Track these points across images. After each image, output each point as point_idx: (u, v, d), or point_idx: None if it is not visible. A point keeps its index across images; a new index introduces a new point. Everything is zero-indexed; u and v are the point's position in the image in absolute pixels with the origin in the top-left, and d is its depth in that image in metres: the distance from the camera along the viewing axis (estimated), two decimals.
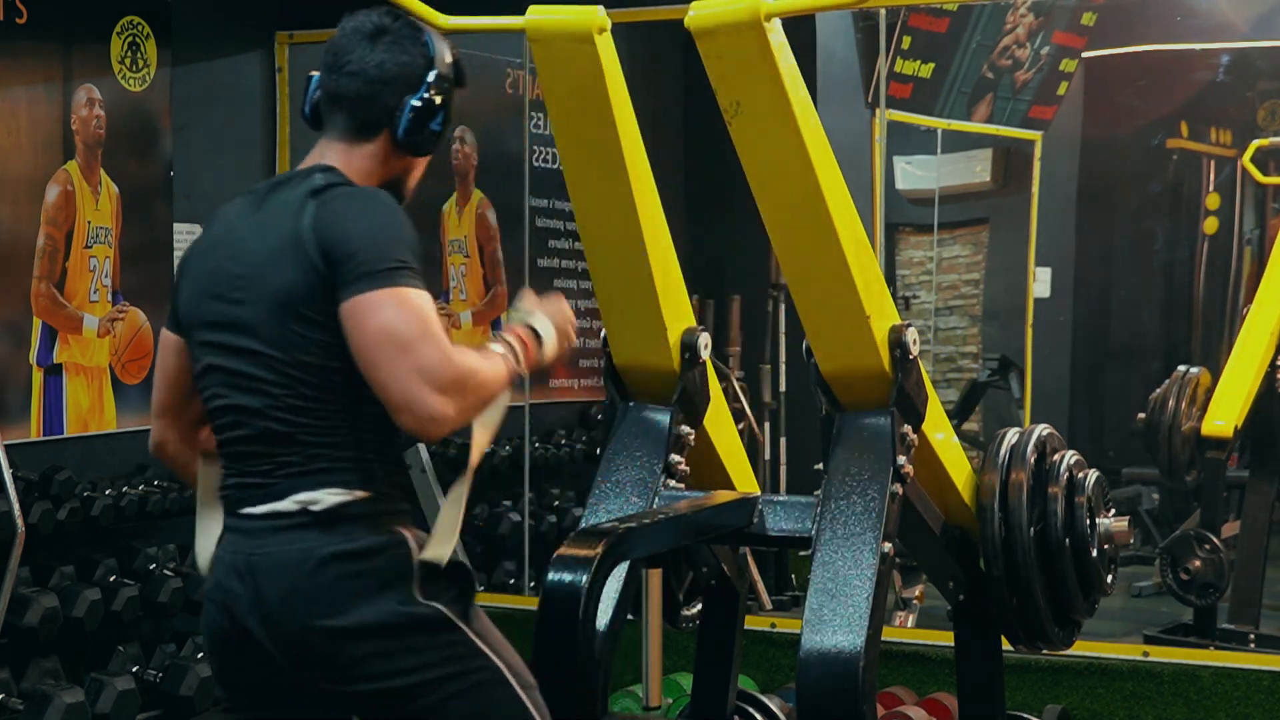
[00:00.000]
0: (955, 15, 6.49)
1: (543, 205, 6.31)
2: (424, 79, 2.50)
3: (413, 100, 2.48)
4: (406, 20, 2.56)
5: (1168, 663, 4.66)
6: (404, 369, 2.25)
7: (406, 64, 2.50)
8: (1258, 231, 7.39)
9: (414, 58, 2.51)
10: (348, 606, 2.35)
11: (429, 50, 2.53)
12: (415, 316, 2.28)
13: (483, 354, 2.41)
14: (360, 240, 2.32)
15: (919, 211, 6.99)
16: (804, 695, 2.83)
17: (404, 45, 2.52)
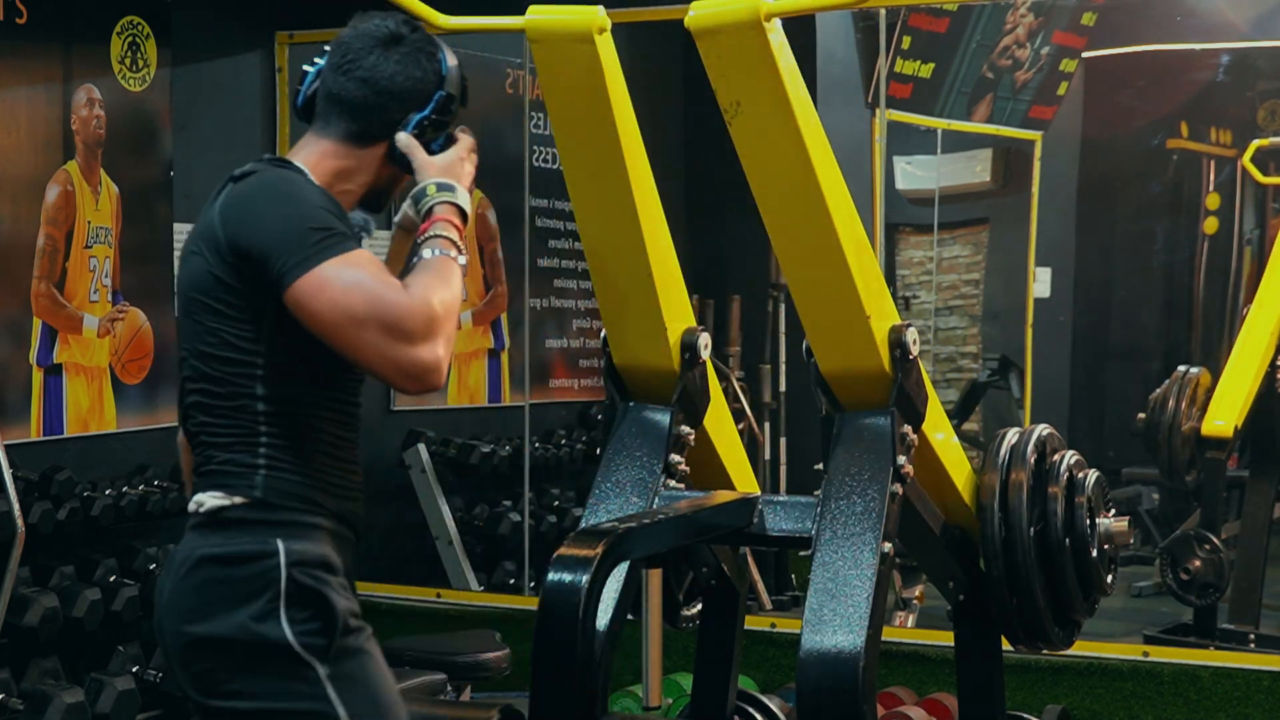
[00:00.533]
0: (955, 15, 6.49)
1: (543, 205, 6.31)
2: (433, 97, 2.45)
3: (418, 117, 2.45)
4: (424, 32, 2.50)
5: (1168, 663, 4.66)
6: (373, 341, 2.19)
7: (419, 80, 2.45)
8: (1258, 231, 7.39)
9: (426, 74, 2.45)
10: (207, 614, 2.26)
11: (442, 68, 2.47)
12: (356, 284, 2.20)
13: (428, 272, 2.29)
14: (273, 233, 2.24)
15: (919, 211, 6.99)
16: (804, 695, 2.83)
17: (418, 59, 2.46)
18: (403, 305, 2.20)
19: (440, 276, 2.29)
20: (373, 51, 2.47)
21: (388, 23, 2.49)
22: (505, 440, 6.24)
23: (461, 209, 2.42)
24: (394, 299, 2.20)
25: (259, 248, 2.24)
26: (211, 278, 2.29)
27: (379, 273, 2.25)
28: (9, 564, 4.03)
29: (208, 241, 2.30)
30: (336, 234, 2.26)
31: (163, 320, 5.12)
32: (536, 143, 6.22)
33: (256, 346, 2.30)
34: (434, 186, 2.43)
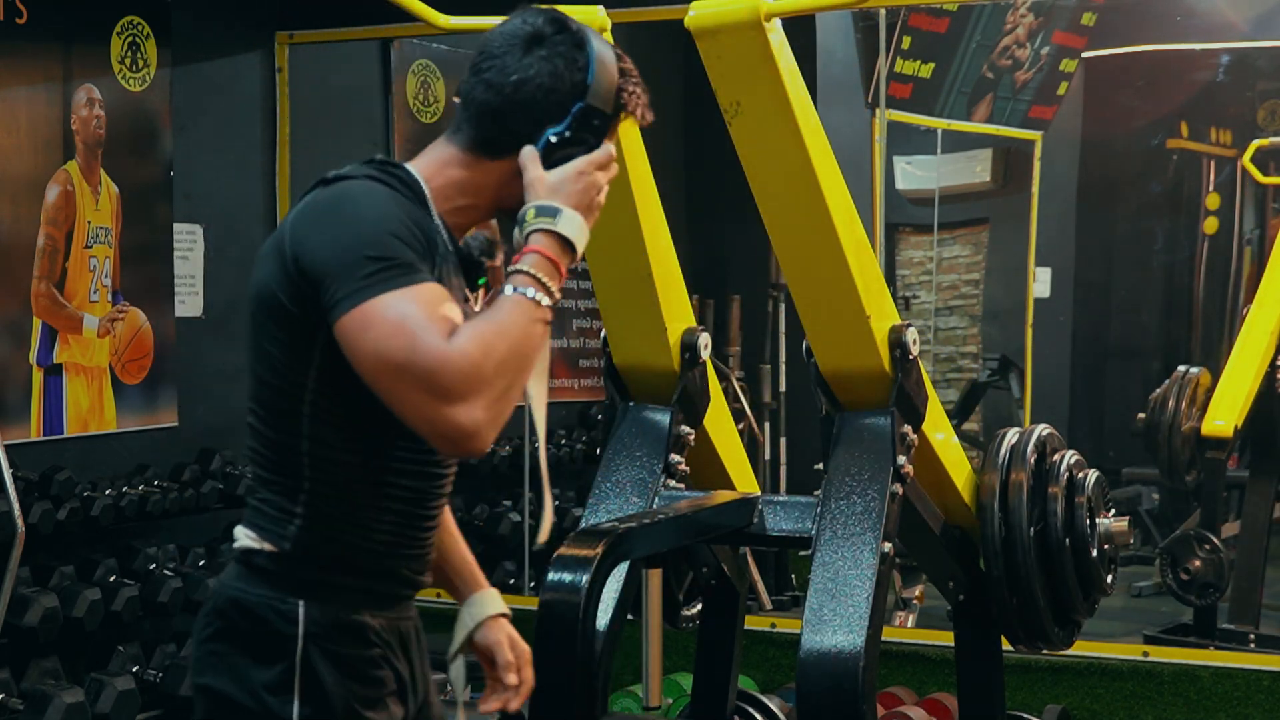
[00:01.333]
0: (955, 15, 6.49)
1: None
2: (570, 109, 2.08)
3: (550, 132, 2.08)
4: (573, 32, 2.11)
5: (1168, 663, 4.66)
6: (407, 393, 1.87)
7: (552, 87, 2.07)
8: (1258, 231, 7.39)
9: (564, 81, 2.07)
10: (211, 662, 2.09)
11: (588, 75, 2.08)
12: (400, 325, 1.87)
13: (489, 317, 1.92)
14: (328, 256, 1.94)
15: (919, 211, 7.00)
16: (804, 695, 2.83)
17: (556, 63, 2.08)
18: (439, 356, 1.85)
19: (502, 322, 1.92)
20: (510, 51, 2.08)
21: (532, 19, 2.11)
22: (505, 440, 6.24)
23: (563, 238, 2.02)
24: (431, 346, 1.85)
25: (316, 270, 1.95)
26: (271, 291, 2.01)
27: (434, 313, 1.89)
28: (9, 564, 4.03)
29: (276, 248, 2.02)
30: (398, 265, 1.92)
31: (163, 320, 5.12)
32: None
33: (306, 380, 2.03)
34: (533, 211, 2.04)
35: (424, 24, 3.21)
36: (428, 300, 1.91)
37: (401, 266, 1.92)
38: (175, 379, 5.15)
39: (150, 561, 4.71)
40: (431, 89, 5.99)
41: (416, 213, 2.04)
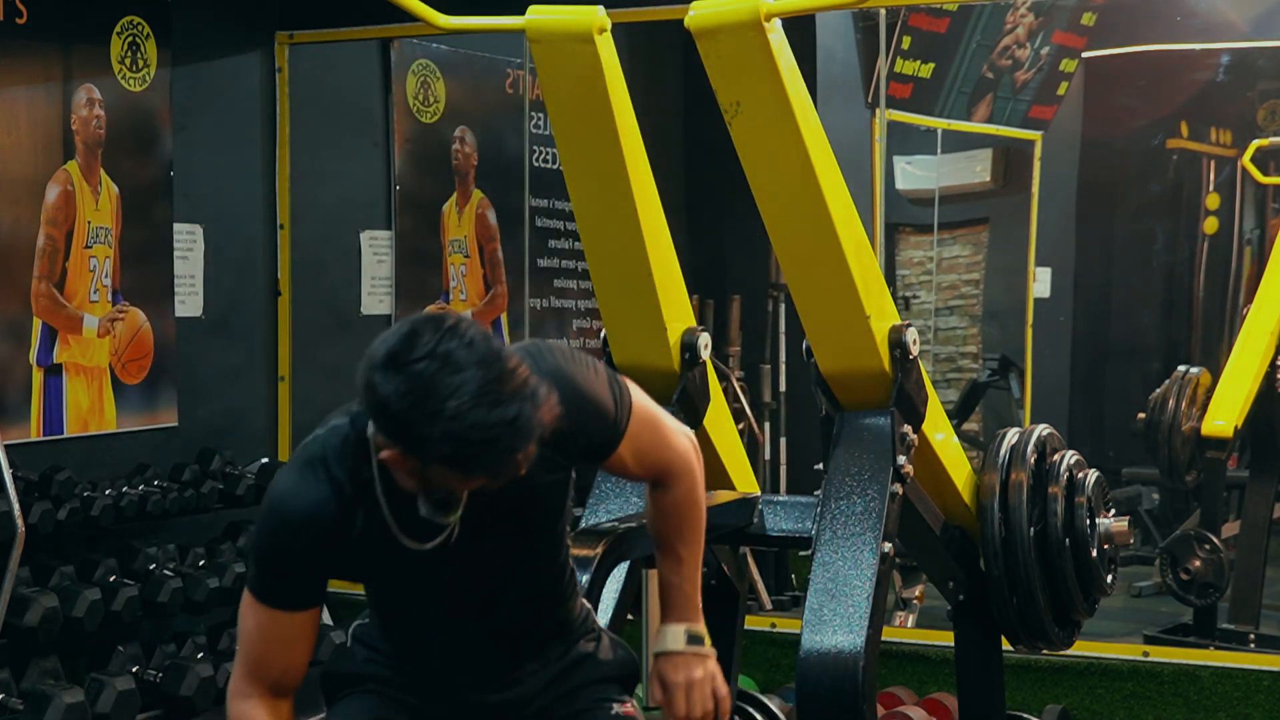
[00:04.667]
0: (955, 15, 6.49)
1: (543, 205, 6.31)
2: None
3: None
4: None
5: (1168, 663, 4.66)
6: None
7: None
8: (1258, 231, 7.39)
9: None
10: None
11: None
12: (239, 619, 2.28)
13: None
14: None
15: (919, 211, 6.99)
16: (804, 695, 2.83)
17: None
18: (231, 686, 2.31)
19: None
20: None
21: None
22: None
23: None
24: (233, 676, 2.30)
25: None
26: None
27: (241, 609, 2.28)
28: (9, 564, 4.03)
29: None
30: (250, 572, 2.28)
31: (162, 320, 5.12)
32: (536, 143, 6.22)
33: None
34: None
35: (424, 24, 3.21)
36: (256, 624, 2.25)
37: (263, 580, 2.24)
38: (175, 379, 5.15)
39: (150, 561, 4.70)
40: (431, 89, 5.99)
41: (325, 517, 2.18)
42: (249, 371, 5.52)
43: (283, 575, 2.24)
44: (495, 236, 6.34)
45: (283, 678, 2.27)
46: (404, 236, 5.92)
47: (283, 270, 5.57)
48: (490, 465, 2.00)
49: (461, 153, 6.15)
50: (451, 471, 2.01)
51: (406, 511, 2.15)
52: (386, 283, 5.88)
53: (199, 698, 4.41)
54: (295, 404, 5.58)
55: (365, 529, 2.19)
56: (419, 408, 1.96)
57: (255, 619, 2.25)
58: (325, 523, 2.19)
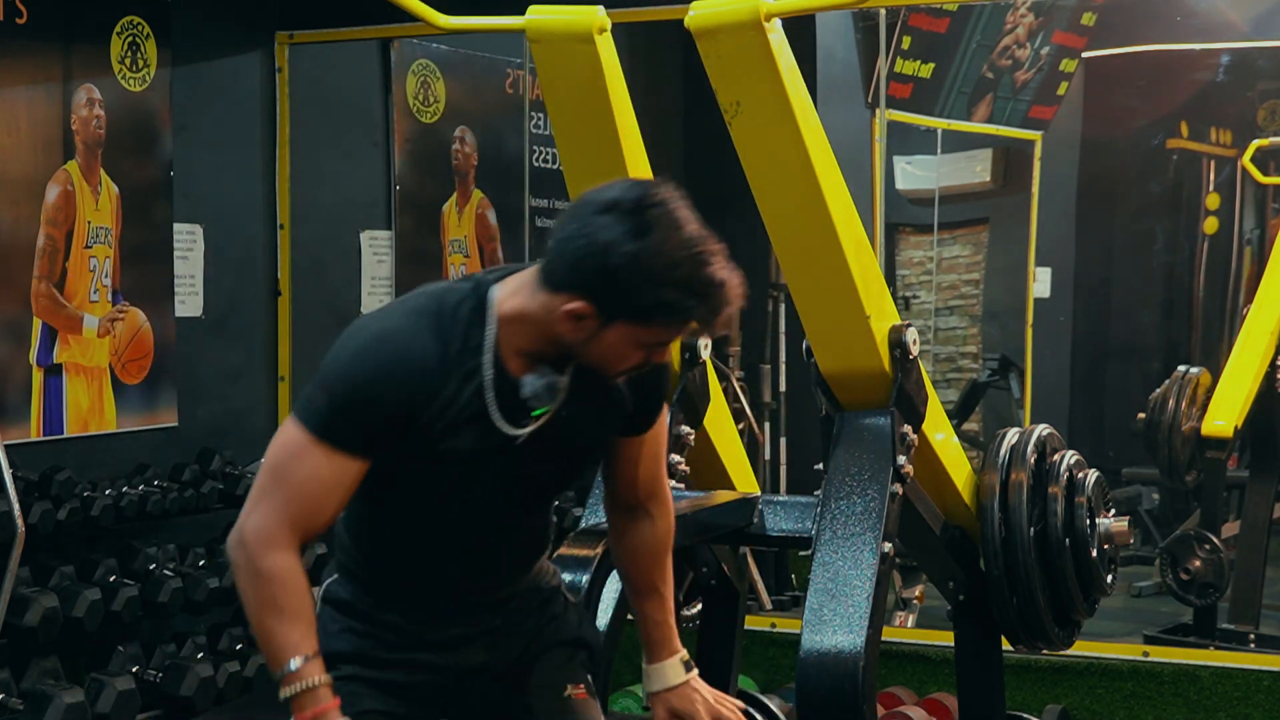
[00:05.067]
0: (955, 15, 6.49)
1: (543, 205, 6.32)
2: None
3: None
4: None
5: (1168, 663, 4.66)
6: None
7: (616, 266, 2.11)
8: (1258, 231, 7.39)
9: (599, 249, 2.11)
10: None
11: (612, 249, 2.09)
12: (269, 459, 2.18)
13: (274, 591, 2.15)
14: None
15: (919, 211, 6.99)
16: (804, 695, 2.83)
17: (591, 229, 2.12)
18: (245, 515, 2.18)
19: (265, 593, 2.17)
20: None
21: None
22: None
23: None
24: (253, 506, 2.16)
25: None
26: None
27: (284, 472, 2.15)
28: (9, 564, 4.03)
29: None
30: (315, 405, 2.16)
31: (163, 320, 5.12)
32: (536, 143, 6.22)
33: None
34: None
35: (424, 24, 3.21)
36: (292, 451, 2.15)
37: (318, 409, 2.16)
38: (175, 379, 5.15)
39: (150, 561, 4.70)
40: (431, 89, 5.99)
41: (426, 362, 2.15)
42: (249, 371, 5.52)
43: (362, 416, 2.14)
44: (495, 236, 6.34)
45: (317, 528, 2.18)
46: (404, 236, 5.92)
47: (283, 270, 5.57)
48: (705, 320, 2.11)
49: (461, 153, 6.15)
50: (659, 323, 2.10)
51: (504, 392, 2.17)
52: (386, 283, 5.89)
53: (199, 698, 4.41)
54: None
55: (456, 397, 2.16)
56: (654, 250, 2.07)
57: (311, 461, 2.13)
58: (426, 374, 2.15)
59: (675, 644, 2.53)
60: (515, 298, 2.18)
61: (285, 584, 2.13)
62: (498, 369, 2.17)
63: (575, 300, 2.10)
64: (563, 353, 2.18)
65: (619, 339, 2.13)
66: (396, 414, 2.14)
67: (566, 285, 2.11)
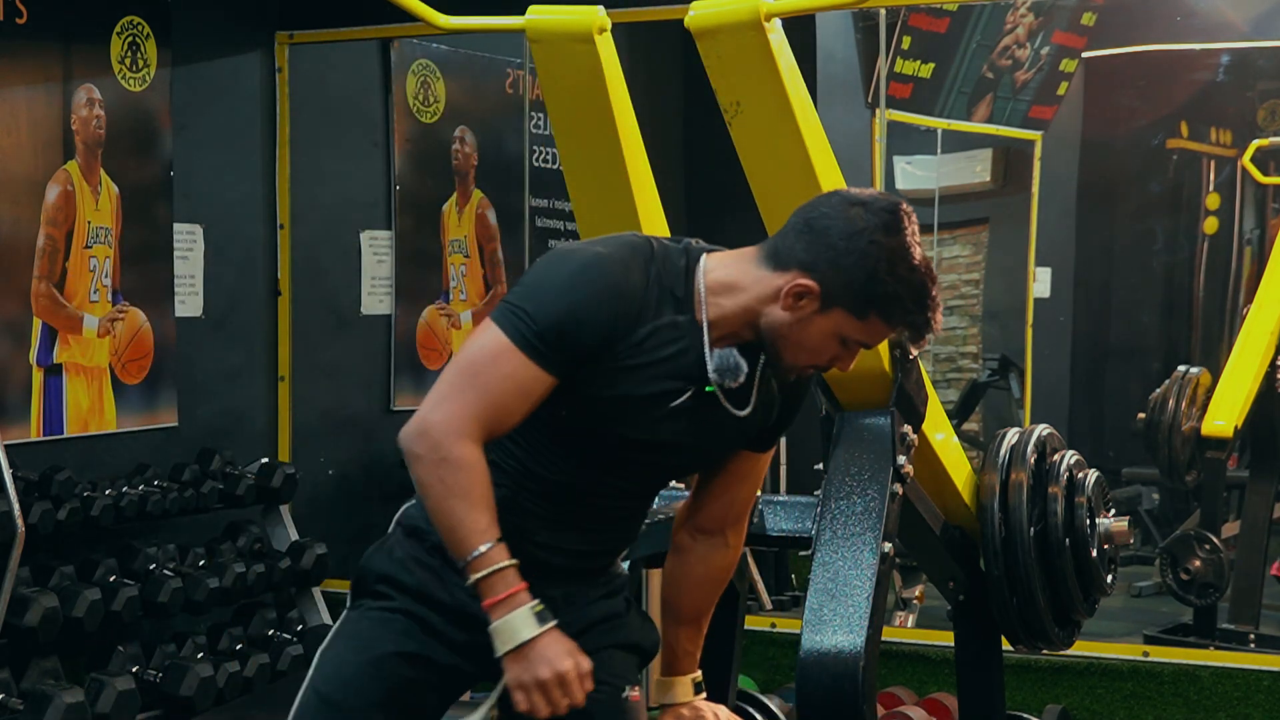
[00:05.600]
0: (955, 15, 6.49)
1: (543, 205, 6.32)
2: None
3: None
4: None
5: (1168, 663, 4.66)
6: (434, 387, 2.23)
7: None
8: (1258, 231, 7.39)
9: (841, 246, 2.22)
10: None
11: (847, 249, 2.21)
12: (462, 359, 2.21)
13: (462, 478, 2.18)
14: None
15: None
16: (804, 695, 2.82)
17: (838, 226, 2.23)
18: (438, 396, 2.21)
19: (453, 479, 2.20)
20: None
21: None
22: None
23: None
24: (448, 387, 2.19)
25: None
26: None
27: (485, 366, 2.18)
28: (9, 564, 4.03)
29: None
30: (522, 317, 2.18)
31: (163, 320, 5.12)
32: (536, 143, 6.22)
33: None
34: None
35: (424, 24, 3.21)
36: (495, 347, 2.18)
37: (518, 310, 2.18)
38: (175, 379, 5.15)
39: (150, 561, 4.70)
40: (431, 89, 5.99)
41: (641, 293, 2.21)
42: (249, 371, 5.52)
43: (569, 337, 2.18)
44: (495, 236, 6.34)
45: (500, 431, 2.21)
46: (404, 236, 5.92)
47: (283, 270, 5.57)
48: (918, 326, 2.25)
49: (461, 153, 6.15)
50: (878, 318, 2.21)
51: (690, 353, 2.24)
52: (386, 283, 5.89)
53: (199, 698, 4.42)
54: (295, 404, 5.58)
55: (649, 340, 2.22)
56: (901, 248, 2.21)
57: (510, 366, 2.17)
58: (635, 305, 2.20)
59: (692, 666, 2.56)
60: (725, 269, 2.25)
61: (474, 471, 2.17)
62: (694, 330, 2.24)
63: (804, 277, 2.19)
64: (752, 339, 2.26)
65: (829, 327, 2.22)
66: (601, 339, 2.19)
67: (798, 263, 2.21)
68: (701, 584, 2.53)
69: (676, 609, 2.55)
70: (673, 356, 2.23)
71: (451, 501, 2.17)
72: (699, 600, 2.54)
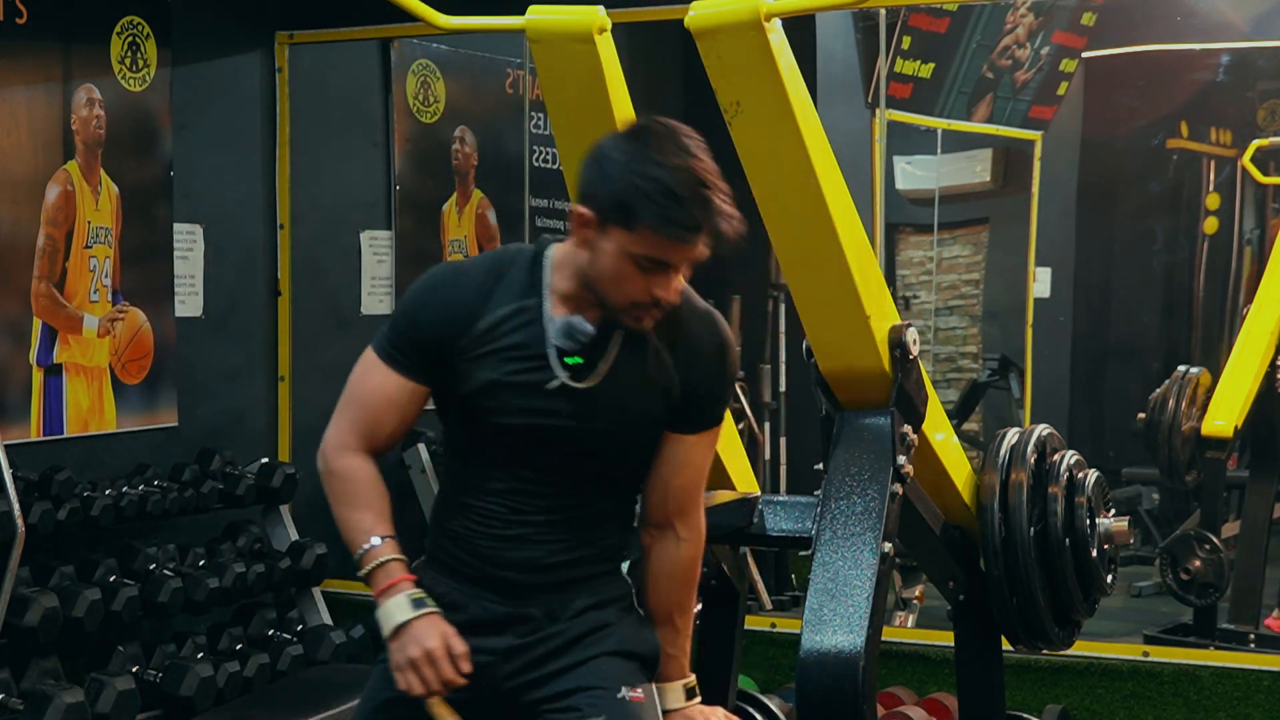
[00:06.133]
0: (955, 15, 6.49)
1: (543, 205, 6.32)
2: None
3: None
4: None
5: (1168, 663, 4.66)
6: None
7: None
8: (1258, 231, 7.39)
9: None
10: None
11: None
12: (348, 382, 2.48)
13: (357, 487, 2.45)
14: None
15: (919, 211, 6.99)
16: (804, 695, 2.83)
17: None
18: (330, 431, 2.48)
19: (349, 492, 2.47)
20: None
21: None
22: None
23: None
24: (336, 421, 2.47)
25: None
26: None
27: (359, 393, 2.46)
28: (9, 564, 4.03)
29: None
30: (382, 332, 2.45)
31: (163, 320, 5.12)
32: (536, 143, 6.22)
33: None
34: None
35: (424, 24, 3.21)
36: (368, 374, 2.45)
37: (386, 338, 2.44)
38: (175, 379, 5.15)
39: (150, 561, 4.70)
40: (431, 89, 5.99)
41: (475, 287, 2.40)
42: (249, 371, 5.52)
43: (411, 336, 2.41)
44: (495, 236, 6.34)
45: (381, 439, 2.44)
46: (404, 236, 5.92)
47: (283, 270, 5.57)
48: (677, 219, 2.27)
49: (461, 153, 6.15)
50: (644, 226, 2.27)
51: (544, 334, 2.38)
52: (386, 283, 5.89)
53: (199, 698, 4.41)
54: (295, 404, 5.58)
55: (498, 328, 2.38)
56: (644, 150, 2.28)
57: (374, 378, 2.43)
58: (469, 297, 2.39)
59: (684, 670, 2.57)
60: (568, 246, 2.41)
61: (355, 478, 2.42)
62: (543, 310, 2.38)
63: (579, 206, 2.34)
64: (595, 298, 2.36)
65: (614, 249, 2.31)
66: (439, 335, 2.38)
67: (577, 198, 2.37)
68: (660, 580, 2.53)
69: (648, 610, 2.56)
70: (525, 341, 2.38)
71: (340, 508, 2.42)
72: (664, 599, 2.54)
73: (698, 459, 2.49)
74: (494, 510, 2.43)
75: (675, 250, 2.33)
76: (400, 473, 5.67)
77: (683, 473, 2.48)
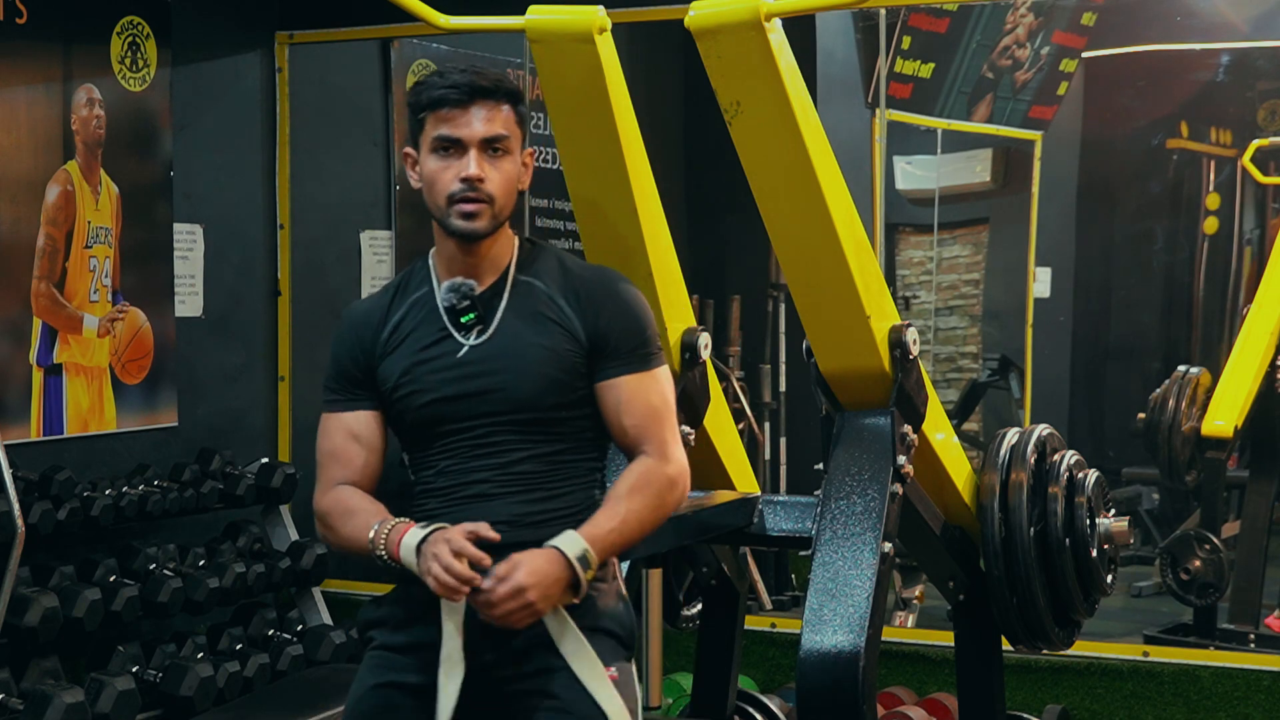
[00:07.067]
0: (955, 15, 6.49)
1: (543, 205, 6.32)
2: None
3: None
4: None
5: (1168, 663, 4.66)
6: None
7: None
8: (1258, 231, 7.38)
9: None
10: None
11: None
12: (316, 446, 2.67)
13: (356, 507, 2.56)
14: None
15: (919, 211, 6.99)
16: (804, 695, 2.83)
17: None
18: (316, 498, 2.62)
19: (347, 522, 2.60)
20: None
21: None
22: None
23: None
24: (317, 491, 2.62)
25: None
26: None
27: (320, 440, 2.62)
28: (9, 564, 4.03)
29: None
30: (324, 386, 2.62)
31: (163, 320, 5.12)
32: (536, 143, 6.22)
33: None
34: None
35: (424, 24, 3.21)
36: (322, 441, 2.61)
37: (327, 389, 2.62)
38: (175, 379, 5.15)
39: (150, 561, 4.70)
40: None
41: (376, 305, 2.64)
42: (249, 371, 5.52)
43: (336, 370, 2.58)
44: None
45: (355, 477, 2.58)
46: (404, 236, 5.92)
47: (283, 270, 5.57)
48: (451, 81, 2.47)
49: None
50: (432, 101, 2.48)
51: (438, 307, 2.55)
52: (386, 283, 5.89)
53: (199, 698, 4.41)
54: (295, 404, 5.58)
55: (403, 321, 2.56)
56: (431, 76, 2.53)
57: (329, 428, 2.59)
58: (372, 313, 2.59)
59: (594, 538, 2.42)
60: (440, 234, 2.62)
61: (341, 500, 2.55)
62: (434, 292, 2.57)
63: (411, 147, 2.57)
64: (463, 255, 2.59)
65: (424, 157, 2.52)
66: (356, 356, 2.57)
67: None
68: (625, 474, 2.50)
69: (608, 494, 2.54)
70: (424, 321, 2.55)
71: (340, 530, 2.54)
72: (622, 482, 2.49)
73: (640, 399, 2.51)
74: (450, 485, 2.54)
75: (458, 121, 2.49)
76: (402, 473, 5.67)
77: (630, 410, 2.50)
